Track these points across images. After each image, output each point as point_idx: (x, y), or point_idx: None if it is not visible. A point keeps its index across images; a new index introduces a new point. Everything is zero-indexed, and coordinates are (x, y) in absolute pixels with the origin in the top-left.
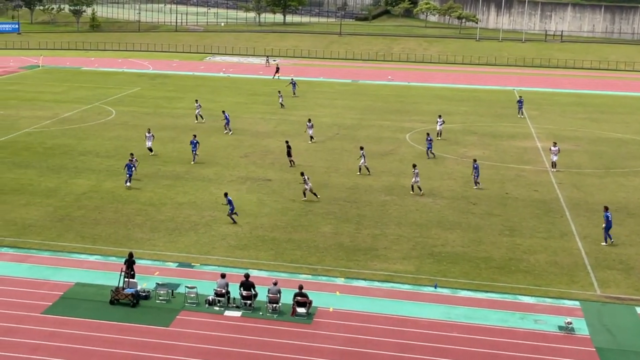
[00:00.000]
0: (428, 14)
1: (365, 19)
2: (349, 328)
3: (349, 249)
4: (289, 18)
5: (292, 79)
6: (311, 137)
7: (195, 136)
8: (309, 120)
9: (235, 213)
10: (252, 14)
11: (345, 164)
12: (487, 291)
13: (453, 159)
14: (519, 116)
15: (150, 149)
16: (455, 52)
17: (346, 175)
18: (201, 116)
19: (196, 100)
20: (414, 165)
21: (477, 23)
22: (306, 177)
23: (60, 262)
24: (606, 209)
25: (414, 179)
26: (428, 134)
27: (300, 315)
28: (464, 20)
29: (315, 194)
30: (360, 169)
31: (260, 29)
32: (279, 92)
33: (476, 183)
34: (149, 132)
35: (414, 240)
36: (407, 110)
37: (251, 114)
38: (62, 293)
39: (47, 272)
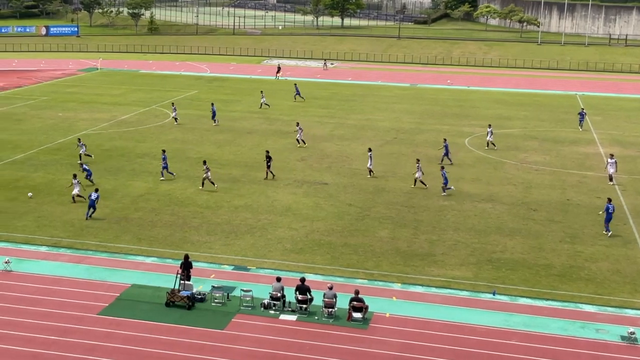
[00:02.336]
0: (488, 17)
1: (424, 22)
2: (406, 334)
3: (406, 254)
4: (347, 21)
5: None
6: (302, 142)
7: (164, 151)
8: (298, 124)
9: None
10: (309, 17)
11: (403, 168)
12: (547, 299)
13: (513, 164)
14: (579, 129)
15: (176, 119)
16: (516, 56)
17: (403, 179)
18: (175, 118)
19: (170, 105)
20: (418, 160)
21: (538, 26)
22: (206, 167)
23: (117, 263)
24: (609, 200)
25: (417, 173)
26: (445, 140)
27: (356, 320)
28: (525, 24)
29: (213, 183)
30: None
31: (318, 32)
32: (262, 92)
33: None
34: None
35: (472, 246)
36: (466, 114)
37: (308, 118)
38: (118, 294)
39: (103, 273)
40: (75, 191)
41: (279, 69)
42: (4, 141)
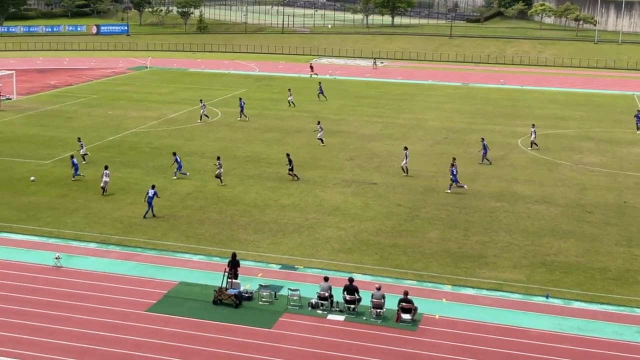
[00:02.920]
0: (543, 15)
1: (477, 20)
2: (456, 336)
3: (457, 255)
4: (398, 20)
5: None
6: (321, 140)
7: (175, 154)
8: (319, 122)
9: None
10: (359, 16)
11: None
12: (602, 303)
13: (567, 165)
14: (637, 132)
15: (207, 116)
16: (572, 55)
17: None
18: (206, 115)
19: (201, 100)
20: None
21: (595, 25)
22: (220, 162)
23: (164, 261)
24: None
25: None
26: (483, 139)
27: (405, 321)
28: (581, 22)
29: (220, 179)
30: (403, 169)
31: (368, 31)
32: (289, 89)
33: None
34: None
35: (524, 249)
36: (519, 114)
37: (357, 117)
38: (166, 291)
39: (151, 270)
40: (105, 180)
41: (311, 67)
42: (54, 138)
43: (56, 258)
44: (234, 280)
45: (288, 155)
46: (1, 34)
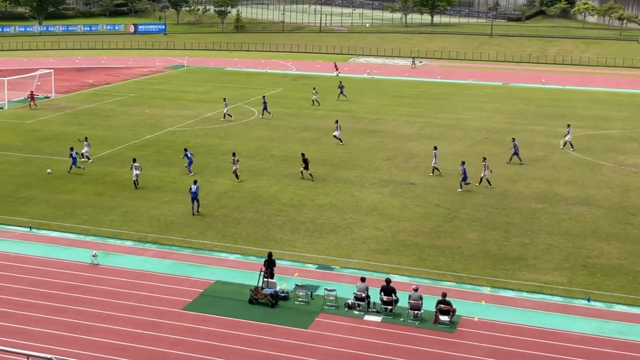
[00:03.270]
0: (586, 14)
1: (518, 19)
2: (495, 339)
3: (496, 257)
4: (437, 19)
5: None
6: (339, 140)
7: (186, 150)
8: (337, 122)
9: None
10: (398, 15)
11: (494, 169)
12: None
13: (610, 166)
14: None
15: (230, 115)
16: (615, 55)
17: (494, 181)
18: (229, 115)
19: (224, 99)
20: (484, 159)
21: (639, 24)
22: (236, 159)
23: (201, 259)
24: None
25: (485, 172)
26: (514, 139)
27: (443, 323)
28: (625, 21)
29: (237, 176)
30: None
31: (407, 30)
32: (314, 88)
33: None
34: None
35: (566, 251)
36: (562, 114)
37: (395, 116)
38: (202, 290)
39: (188, 269)
40: (136, 172)
41: (336, 66)
42: (92, 137)
43: (93, 256)
44: (270, 280)
45: (303, 155)
46: (40, 33)
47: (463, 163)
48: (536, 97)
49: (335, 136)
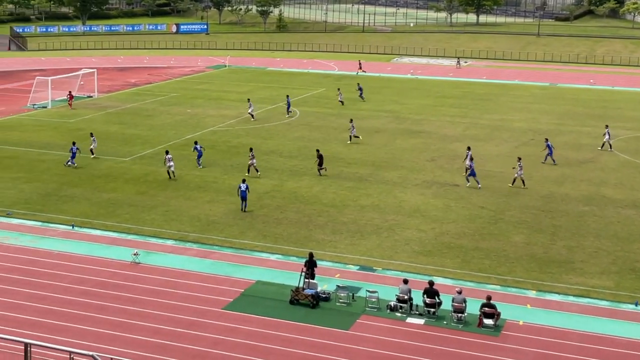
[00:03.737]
0: (636, 14)
1: (566, 19)
2: (540, 343)
3: (542, 260)
4: (483, 18)
5: (358, 84)
6: (354, 137)
7: (196, 142)
8: (351, 120)
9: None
10: (443, 14)
11: (540, 171)
12: None
13: None
14: None
15: (252, 115)
16: None
17: (540, 182)
18: (251, 115)
19: (248, 99)
20: (519, 159)
21: None
22: (252, 154)
23: (241, 259)
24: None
25: (518, 172)
26: (547, 139)
27: (487, 326)
28: None
29: (257, 170)
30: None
31: (452, 29)
32: (338, 89)
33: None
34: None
35: (614, 254)
36: (610, 115)
37: (439, 117)
38: (242, 290)
39: (228, 268)
40: (170, 164)
41: (360, 65)
42: (134, 136)
43: (134, 254)
44: (311, 281)
45: (318, 151)
46: (84, 33)
47: (471, 159)
48: (584, 98)
49: (353, 135)
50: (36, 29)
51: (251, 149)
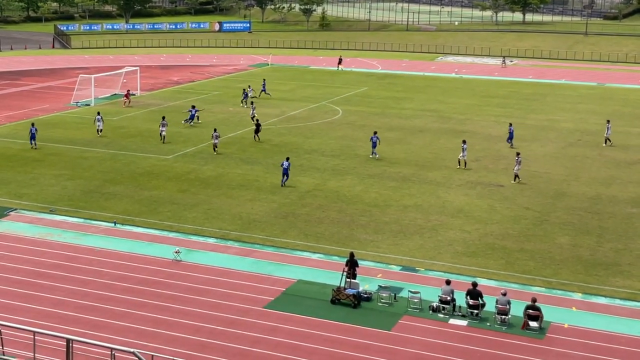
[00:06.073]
0: None
1: (614, 17)
2: (586, 347)
3: (588, 262)
4: (529, 17)
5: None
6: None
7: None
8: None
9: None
10: (488, 13)
11: (587, 172)
12: None
13: None
14: None
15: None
16: None
17: (587, 184)
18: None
19: (249, 86)
20: (518, 154)
21: None
22: (217, 134)
23: (283, 258)
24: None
25: (516, 167)
26: (510, 124)
27: (531, 329)
28: None
29: (215, 148)
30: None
31: (497, 28)
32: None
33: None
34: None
35: None
36: None
37: (483, 117)
38: (284, 289)
39: (270, 267)
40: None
41: (340, 60)
42: (176, 134)
43: (176, 252)
44: (352, 280)
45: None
46: (127, 31)
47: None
48: (634, 98)
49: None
50: (80, 27)
51: (215, 129)
